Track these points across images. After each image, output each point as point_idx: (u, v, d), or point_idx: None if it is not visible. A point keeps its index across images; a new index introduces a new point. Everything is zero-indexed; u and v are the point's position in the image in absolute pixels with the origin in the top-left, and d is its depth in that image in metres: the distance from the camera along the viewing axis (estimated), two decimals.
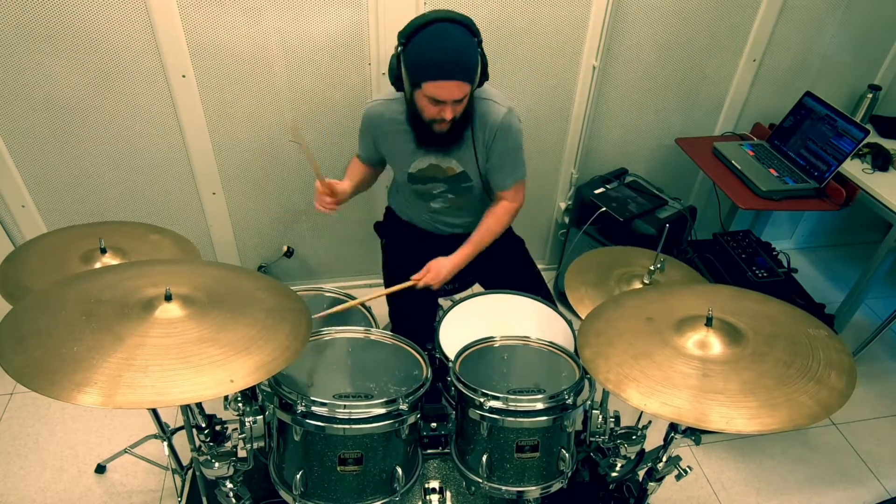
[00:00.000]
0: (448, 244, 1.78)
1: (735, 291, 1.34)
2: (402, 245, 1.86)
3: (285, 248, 2.44)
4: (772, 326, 1.20)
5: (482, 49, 1.47)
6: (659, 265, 1.52)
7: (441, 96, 1.43)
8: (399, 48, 1.46)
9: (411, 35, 1.42)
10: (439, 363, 1.45)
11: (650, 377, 1.09)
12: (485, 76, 1.52)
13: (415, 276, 1.69)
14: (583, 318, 1.38)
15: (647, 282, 1.52)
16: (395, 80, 1.53)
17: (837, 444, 2.16)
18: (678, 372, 1.09)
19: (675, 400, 1.04)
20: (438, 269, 1.68)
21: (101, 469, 1.90)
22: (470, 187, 1.73)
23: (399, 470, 1.24)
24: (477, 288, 1.89)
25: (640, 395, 1.06)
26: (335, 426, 1.17)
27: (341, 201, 1.69)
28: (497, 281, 1.86)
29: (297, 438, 1.20)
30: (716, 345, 1.14)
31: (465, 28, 1.44)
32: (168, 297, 1.09)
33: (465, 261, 1.71)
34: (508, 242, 1.92)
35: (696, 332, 1.16)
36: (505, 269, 1.87)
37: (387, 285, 1.86)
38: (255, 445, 1.28)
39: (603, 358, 1.15)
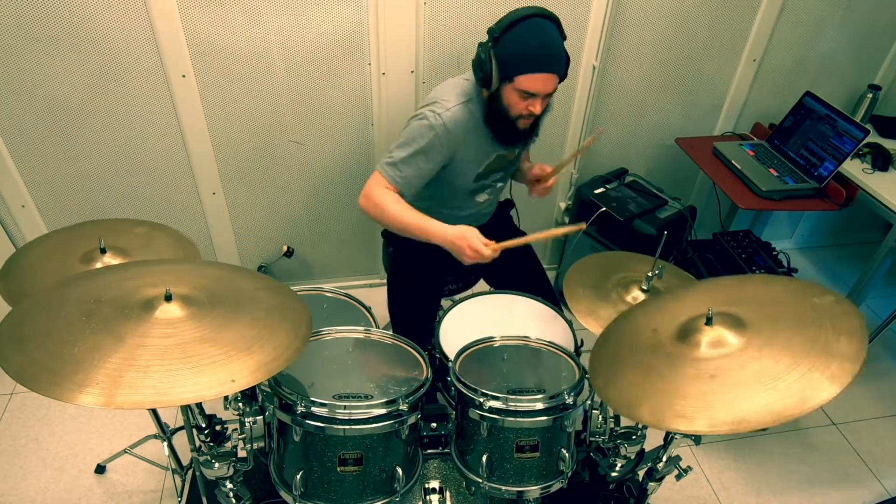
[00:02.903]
0: None
1: (736, 280, 1.31)
2: (410, 251, 1.85)
3: (285, 248, 2.45)
4: (775, 309, 1.16)
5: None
6: (657, 271, 1.52)
7: (535, 89, 1.44)
8: (489, 44, 1.46)
9: (506, 29, 1.42)
10: (439, 363, 1.45)
11: (658, 391, 1.06)
12: (565, 74, 1.53)
13: (544, 172, 1.73)
14: (580, 321, 1.38)
15: (645, 288, 1.51)
16: (483, 77, 1.49)
17: (837, 443, 2.16)
18: (684, 378, 1.07)
19: (688, 411, 1.01)
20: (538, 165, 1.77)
21: (100, 469, 1.90)
22: (518, 167, 1.79)
23: (399, 470, 1.24)
24: (477, 288, 1.89)
25: (651, 414, 1.03)
26: (335, 427, 1.17)
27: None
28: (502, 276, 1.86)
29: (297, 439, 1.20)
30: (722, 341, 1.11)
31: (556, 25, 1.46)
32: (168, 298, 1.09)
33: None
34: (512, 237, 1.92)
35: (697, 335, 1.14)
36: (510, 264, 1.87)
37: (392, 290, 1.84)
38: (255, 446, 1.28)
39: (613, 384, 1.13)
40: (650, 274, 1.53)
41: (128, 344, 1.00)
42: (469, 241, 1.42)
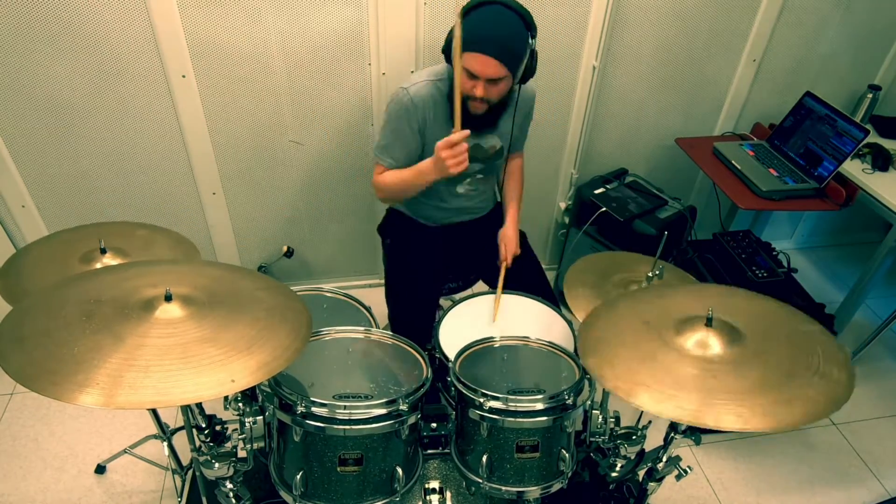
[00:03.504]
0: (452, 235, 1.82)
1: (724, 290, 1.33)
2: (406, 244, 1.86)
3: (285, 248, 2.45)
4: (768, 324, 1.19)
5: (533, 44, 1.51)
6: (657, 272, 1.52)
7: (474, 68, 1.47)
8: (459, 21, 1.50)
9: (470, 10, 1.47)
10: (439, 363, 1.45)
11: (659, 381, 1.07)
12: (530, 72, 1.56)
13: (503, 259, 1.76)
14: (581, 320, 1.38)
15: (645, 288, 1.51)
16: (445, 51, 1.59)
17: (837, 444, 2.16)
18: (686, 374, 1.08)
19: (688, 403, 1.03)
20: (511, 238, 1.79)
21: (101, 469, 1.90)
22: (500, 164, 1.81)
23: (399, 470, 1.24)
24: (477, 288, 1.89)
25: (652, 401, 1.04)
26: (335, 427, 1.17)
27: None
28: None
29: (297, 439, 1.20)
30: (717, 345, 1.13)
31: (520, 17, 1.48)
32: (168, 298, 1.09)
33: (518, 220, 1.85)
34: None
35: (696, 333, 1.16)
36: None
37: (390, 284, 1.85)
38: (255, 446, 1.27)
39: (609, 366, 1.13)
40: (650, 274, 1.53)
41: (128, 344, 1.00)
42: (438, 151, 1.47)
